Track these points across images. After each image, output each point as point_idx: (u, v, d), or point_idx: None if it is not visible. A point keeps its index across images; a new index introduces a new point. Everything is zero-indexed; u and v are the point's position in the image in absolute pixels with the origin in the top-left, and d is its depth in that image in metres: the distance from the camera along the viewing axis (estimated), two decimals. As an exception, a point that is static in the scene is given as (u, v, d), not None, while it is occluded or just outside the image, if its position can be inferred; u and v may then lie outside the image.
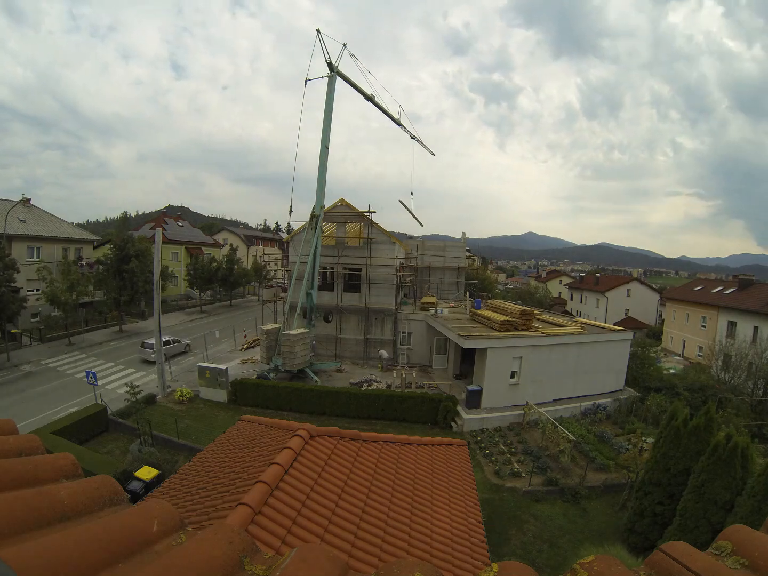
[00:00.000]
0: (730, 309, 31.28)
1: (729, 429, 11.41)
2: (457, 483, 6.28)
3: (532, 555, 10.58)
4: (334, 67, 20.72)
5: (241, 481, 4.37)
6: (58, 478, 1.22)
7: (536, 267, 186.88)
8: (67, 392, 19.17)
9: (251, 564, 1.04)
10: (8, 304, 22.75)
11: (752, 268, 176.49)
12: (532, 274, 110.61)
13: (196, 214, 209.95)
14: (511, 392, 18.29)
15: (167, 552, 1.01)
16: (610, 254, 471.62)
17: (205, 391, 19.27)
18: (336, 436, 5.52)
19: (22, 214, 32.36)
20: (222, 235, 65.19)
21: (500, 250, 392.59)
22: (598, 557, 1.12)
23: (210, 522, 3.63)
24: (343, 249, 25.36)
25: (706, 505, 8.87)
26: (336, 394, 18.02)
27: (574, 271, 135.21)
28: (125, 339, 29.93)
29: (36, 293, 29.50)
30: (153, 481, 10.77)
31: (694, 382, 21.12)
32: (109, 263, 30.51)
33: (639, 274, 62.61)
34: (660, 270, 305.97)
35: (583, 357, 19.48)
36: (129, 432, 15.55)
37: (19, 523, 0.94)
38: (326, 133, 20.99)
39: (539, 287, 64.11)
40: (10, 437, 1.34)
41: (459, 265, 33.46)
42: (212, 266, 42.71)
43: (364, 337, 25.32)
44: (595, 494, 13.24)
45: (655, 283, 77.96)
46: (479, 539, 5.09)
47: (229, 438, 6.58)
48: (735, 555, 1.08)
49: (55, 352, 25.71)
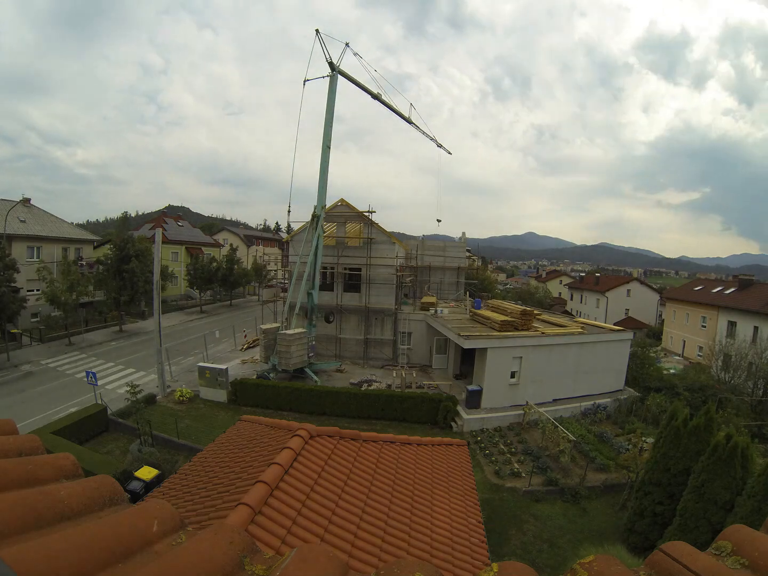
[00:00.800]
0: (730, 309, 31.28)
1: (729, 429, 11.40)
2: (457, 483, 6.28)
3: (532, 555, 10.58)
4: (335, 66, 20.68)
5: (241, 481, 4.37)
6: (58, 478, 1.22)
7: (536, 267, 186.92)
8: (67, 392, 19.16)
9: (251, 564, 1.04)
10: (8, 304, 22.75)
11: (752, 268, 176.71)
12: (532, 274, 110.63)
13: (196, 214, 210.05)
14: (511, 392, 18.28)
15: (167, 552, 1.01)
16: (610, 254, 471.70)
17: (205, 391, 19.27)
18: (336, 436, 5.52)
19: (22, 214, 32.36)
20: (222, 235, 65.23)
21: (500, 250, 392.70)
22: (598, 557, 1.12)
23: (210, 522, 3.63)
24: (343, 249, 25.35)
25: (706, 505, 8.87)
26: (336, 394, 18.02)
27: (574, 271, 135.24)
28: (125, 339, 29.93)
29: (36, 293, 29.50)
30: (153, 481, 10.77)
31: (694, 382, 21.11)
32: (109, 263, 30.51)
33: (639, 274, 62.64)
34: (660, 270, 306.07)
35: (583, 357, 19.47)
36: (129, 432, 15.54)
37: (19, 523, 0.94)
38: (328, 132, 20.98)
39: (539, 287, 64.13)
40: (10, 437, 1.34)
41: (459, 265, 33.46)
42: (212, 266, 42.72)
43: (364, 337, 25.31)
44: (595, 494, 13.23)
45: (655, 283, 77.99)
46: (479, 539, 5.09)
47: (229, 438, 6.58)
48: (735, 555, 1.08)
49: (55, 352, 25.70)
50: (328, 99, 21.00)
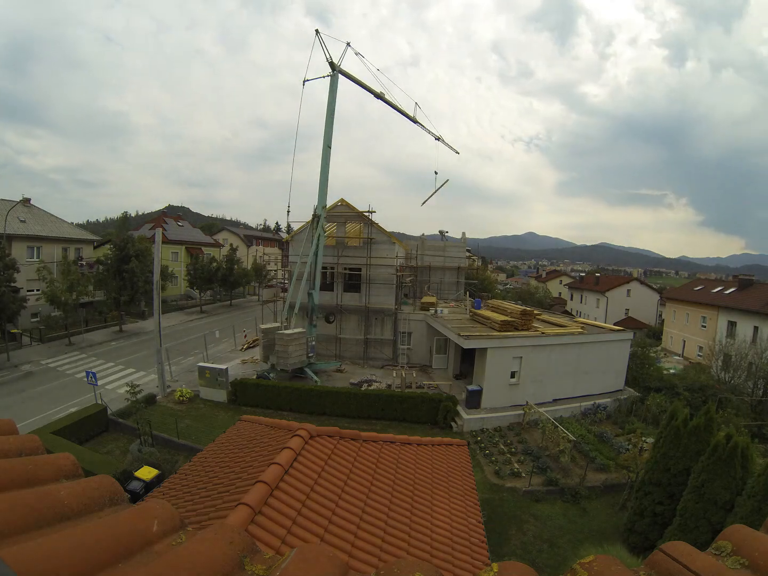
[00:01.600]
0: (730, 309, 31.29)
1: (729, 429, 11.41)
2: (457, 483, 6.28)
3: (532, 555, 10.58)
4: (336, 66, 20.65)
5: (241, 481, 4.38)
6: (58, 478, 1.22)
7: (536, 267, 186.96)
8: (67, 392, 19.16)
9: (251, 564, 1.04)
10: (8, 304, 22.75)
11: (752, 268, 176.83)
12: (532, 274, 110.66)
13: (196, 214, 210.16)
14: (511, 392, 18.28)
15: (167, 552, 1.01)
16: (610, 254, 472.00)
17: (205, 391, 19.27)
18: (336, 436, 5.52)
19: (22, 214, 32.37)
20: (222, 235, 65.25)
21: (500, 250, 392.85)
22: (598, 557, 1.12)
23: (210, 522, 3.63)
24: (343, 249, 25.35)
25: (706, 505, 8.87)
26: (336, 394, 18.02)
27: (574, 271, 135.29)
28: (125, 339, 29.93)
29: (36, 293, 29.50)
30: (153, 481, 10.77)
31: (694, 382, 21.12)
32: (109, 263, 30.52)
33: (639, 274, 62.64)
34: (660, 270, 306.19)
35: (583, 357, 19.48)
36: (129, 432, 15.55)
37: (19, 523, 0.94)
38: (328, 132, 20.97)
39: (539, 287, 64.14)
40: (10, 437, 1.34)
41: (459, 265, 33.46)
42: (212, 266, 42.73)
43: (364, 337, 25.32)
44: (595, 494, 13.24)
45: (655, 283, 78.00)
46: (479, 539, 5.09)
47: (229, 438, 6.58)
48: (735, 555, 1.08)
49: (55, 352, 25.71)
50: (328, 99, 20.97)
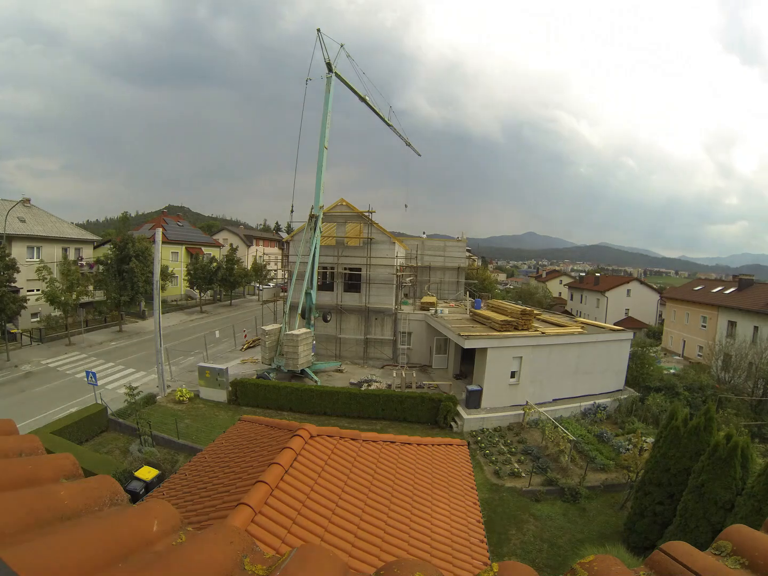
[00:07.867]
0: (730, 309, 31.27)
1: (729, 429, 11.41)
2: (456, 483, 6.28)
3: (532, 555, 10.58)
4: (332, 67, 20.74)
5: (242, 481, 4.37)
6: (58, 478, 1.22)
7: (536, 267, 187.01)
8: (67, 392, 19.16)
9: (251, 564, 1.04)
10: (8, 304, 22.74)
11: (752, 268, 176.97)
12: (532, 274, 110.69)
13: (196, 214, 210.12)
14: (511, 392, 18.28)
15: (167, 552, 1.01)
16: (610, 254, 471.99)
17: (205, 391, 19.28)
18: (336, 436, 5.51)
19: (22, 214, 32.36)
20: (222, 235, 65.23)
21: (500, 250, 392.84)
22: (598, 557, 1.12)
23: (210, 522, 3.63)
24: (343, 249, 25.35)
25: (706, 505, 8.87)
26: (336, 394, 18.02)
27: (574, 271, 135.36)
28: (125, 339, 29.93)
29: (36, 293, 29.47)
30: (153, 481, 10.78)
31: (694, 382, 21.12)
32: (109, 263, 30.53)
33: (639, 274, 62.73)
34: (660, 270, 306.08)
35: (583, 357, 19.48)
36: (129, 432, 15.54)
37: (19, 523, 0.94)
38: (324, 132, 21.01)
39: (539, 287, 64.09)
40: (10, 437, 1.34)
41: (459, 265, 33.48)
42: (212, 266, 42.72)
43: (364, 337, 25.31)
44: (595, 494, 13.24)
45: (655, 283, 77.94)
46: (479, 539, 5.09)
47: (229, 438, 6.58)
48: (735, 555, 1.08)
49: (55, 352, 25.70)
50: (324, 99, 21.03)
